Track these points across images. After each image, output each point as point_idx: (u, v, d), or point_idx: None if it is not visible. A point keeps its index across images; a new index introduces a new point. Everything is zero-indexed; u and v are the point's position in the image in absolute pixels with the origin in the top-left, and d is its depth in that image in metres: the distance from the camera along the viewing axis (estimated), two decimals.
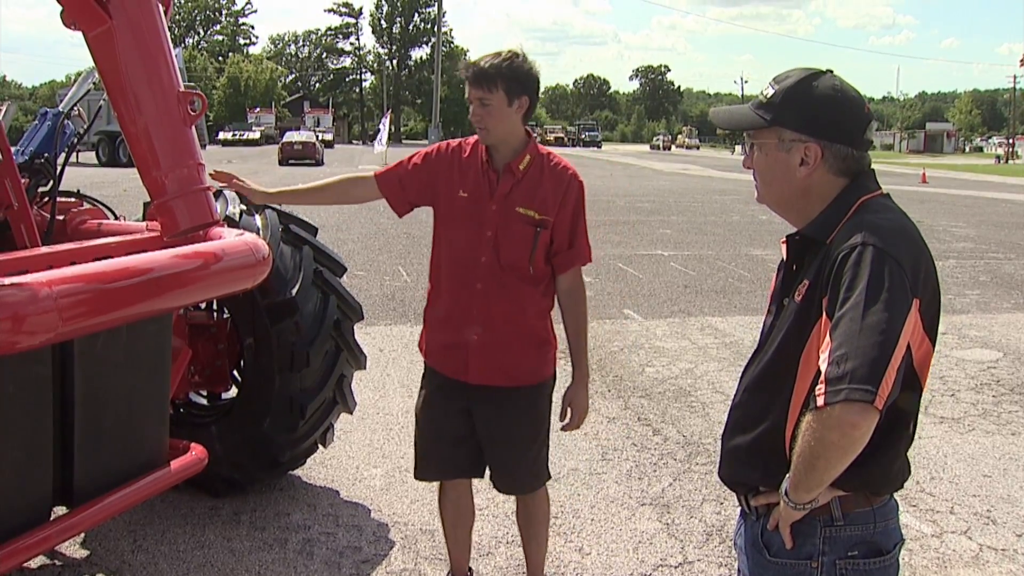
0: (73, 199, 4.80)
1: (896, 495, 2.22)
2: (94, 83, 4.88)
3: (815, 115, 2.13)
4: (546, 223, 3.43)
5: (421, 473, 3.82)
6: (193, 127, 3.84)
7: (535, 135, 3.55)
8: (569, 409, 3.61)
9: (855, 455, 1.90)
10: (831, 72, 2.18)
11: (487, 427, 3.60)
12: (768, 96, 2.18)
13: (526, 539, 3.91)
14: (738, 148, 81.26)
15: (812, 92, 2.13)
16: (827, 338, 1.93)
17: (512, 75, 3.36)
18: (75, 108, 4.88)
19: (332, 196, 3.89)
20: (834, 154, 2.12)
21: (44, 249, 4.01)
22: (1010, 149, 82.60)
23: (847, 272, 1.95)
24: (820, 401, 1.88)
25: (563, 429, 3.66)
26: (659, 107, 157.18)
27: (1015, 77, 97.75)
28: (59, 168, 4.57)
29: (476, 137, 3.54)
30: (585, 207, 3.55)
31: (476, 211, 3.45)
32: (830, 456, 1.90)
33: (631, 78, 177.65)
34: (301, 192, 3.85)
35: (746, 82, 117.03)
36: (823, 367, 1.91)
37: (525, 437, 3.62)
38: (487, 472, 3.76)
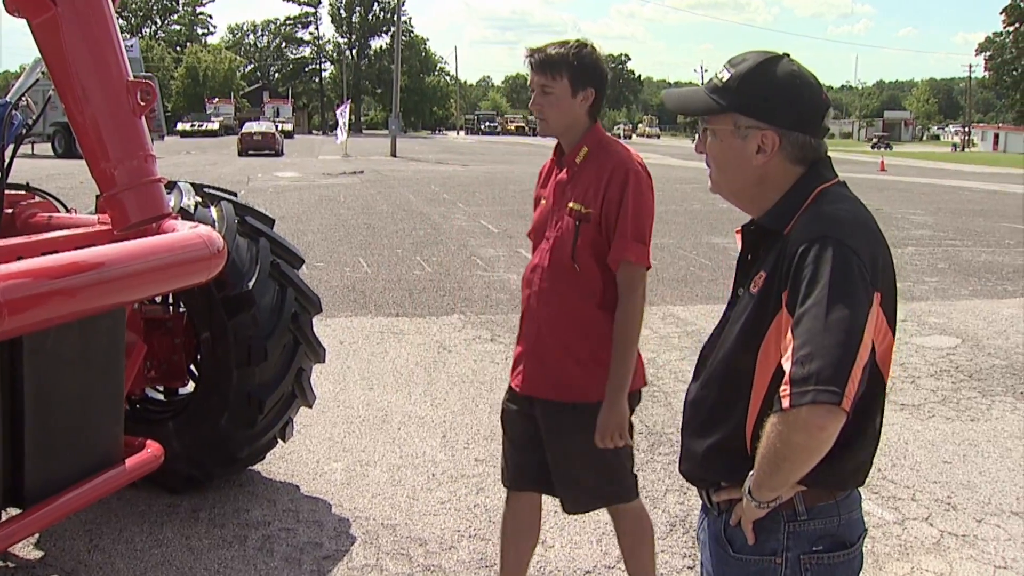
0: (23, 192, 4.69)
1: None
2: (43, 72, 4.75)
3: (773, 101, 2.04)
4: (588, 216, 3.17)
5: (503, 479, 3.61)
6: (143, 118, 3.76)
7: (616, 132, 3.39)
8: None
9: (821, 456, 1.85)
10: (788, 56, 2.10)
11: (545, 441, 3.36)
12: (724, 80, 2.08)
13: (624, 557, 3.65)
14: (697, 136, 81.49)
15: (770, 77, 2.05)
16: (789, 335, 1.87)
17: (579, 65, 3.20)
18: (23, 98, 4.75)
19: None
20: (792, 142, 2.04)
21: None
22: (966, 137, 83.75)
23: (807, 266, 1.88)
24: (785, 403, 1.82)
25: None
26: (620, 96, 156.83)
27: (971, 66, 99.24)
28: (7, 160, 4.45)
29: None
30: (638, 199, 3.19)
31: (547, 214, 3.33)
32: (796, 458, 1.86)
33: None
34: None
35: (706, 70, 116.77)
36: (787, 366, 1.84)
37: (579, 456, 3.29)
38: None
